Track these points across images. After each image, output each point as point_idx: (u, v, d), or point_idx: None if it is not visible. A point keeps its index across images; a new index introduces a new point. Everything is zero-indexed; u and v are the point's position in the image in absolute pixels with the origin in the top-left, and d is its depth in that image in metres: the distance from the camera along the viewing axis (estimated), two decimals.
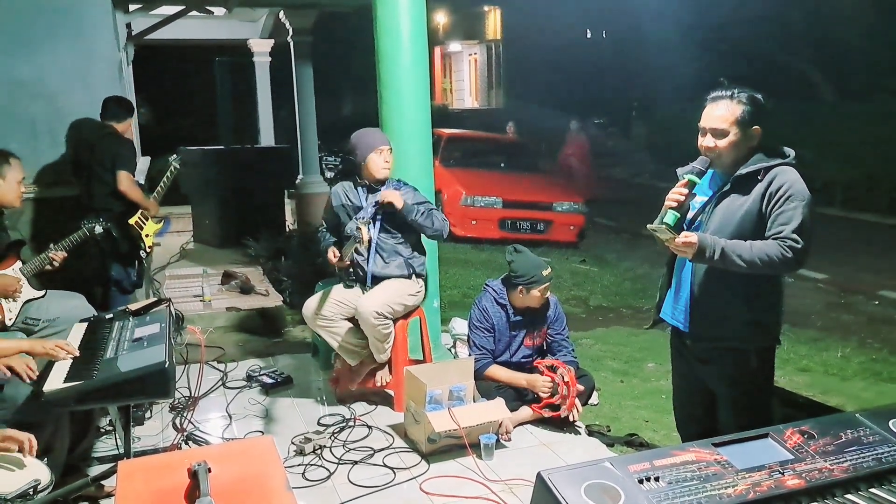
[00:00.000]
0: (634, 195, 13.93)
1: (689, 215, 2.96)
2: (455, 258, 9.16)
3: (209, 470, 1.96)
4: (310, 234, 8.65)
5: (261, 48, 11.56)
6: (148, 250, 5.36)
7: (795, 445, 2.15)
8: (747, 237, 2.78)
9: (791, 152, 2.86)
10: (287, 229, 9.44)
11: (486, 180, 10.94)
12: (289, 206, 10.61)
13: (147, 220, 5.29)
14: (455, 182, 10.56)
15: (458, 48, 31.94)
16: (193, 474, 1.95)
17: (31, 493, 2.15)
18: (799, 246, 2.70)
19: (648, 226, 2.80)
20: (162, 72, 13.63)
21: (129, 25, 6.89)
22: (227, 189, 8.79)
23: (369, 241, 4.20)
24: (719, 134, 2.84)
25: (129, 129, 5.39)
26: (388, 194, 4.18)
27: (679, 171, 2.91)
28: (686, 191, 2.82)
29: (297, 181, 10.51)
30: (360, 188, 4.39)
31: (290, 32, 10.01)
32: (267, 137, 11.63)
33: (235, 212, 8.76)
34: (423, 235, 4.41)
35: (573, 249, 10.40)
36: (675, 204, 2.80)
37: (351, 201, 4.40)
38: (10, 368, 2.99)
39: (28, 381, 3.00)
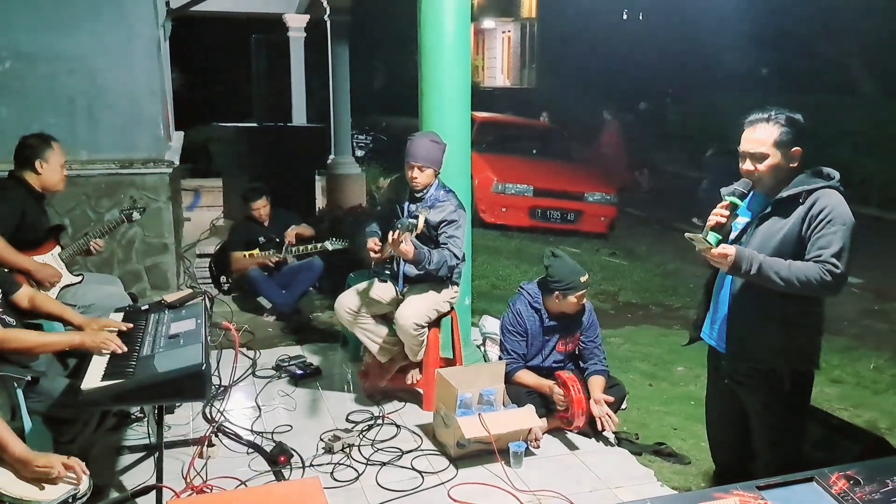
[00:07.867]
0: (666, 185, 13.77)
1: (732, 236, 2.94)
2: (484, 245, 9.03)
3: None
4: (340, 216, 8.65)
5: (296, 24, 11.46)
6: None
7: (841, 492, 2.11)
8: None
9: (835, 174, 2.81)
10: (317, 210, 9.42)
11: (517, 167, 10.81)
12: (319, 186, 10.56)
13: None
14: (487, 168, 10.43)
15: (492, 25, 31.62)
16: None
17: (71, 501, 2.15)
18: (838, 271, 2.66)
19: (687, 234, 2.81)
20: (197, 45, 13.59)
21: (168, 2, 6.86)
22: (259, 167, 8.77)
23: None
24: (758, 158, 2.81)
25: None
26: (402, 249, 3.94)
27: (722, 191, 2.89)
28: (727, 213, 2.80)
29: (329, 161, 10.47)
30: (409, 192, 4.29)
31: (328, 11, 9.92)
32: (299, 115, 11.56)
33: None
34: None
35: (603, 241, 10.30)
36: (716, 225, 2.78)
37: (399, 200, 4.33)
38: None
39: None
